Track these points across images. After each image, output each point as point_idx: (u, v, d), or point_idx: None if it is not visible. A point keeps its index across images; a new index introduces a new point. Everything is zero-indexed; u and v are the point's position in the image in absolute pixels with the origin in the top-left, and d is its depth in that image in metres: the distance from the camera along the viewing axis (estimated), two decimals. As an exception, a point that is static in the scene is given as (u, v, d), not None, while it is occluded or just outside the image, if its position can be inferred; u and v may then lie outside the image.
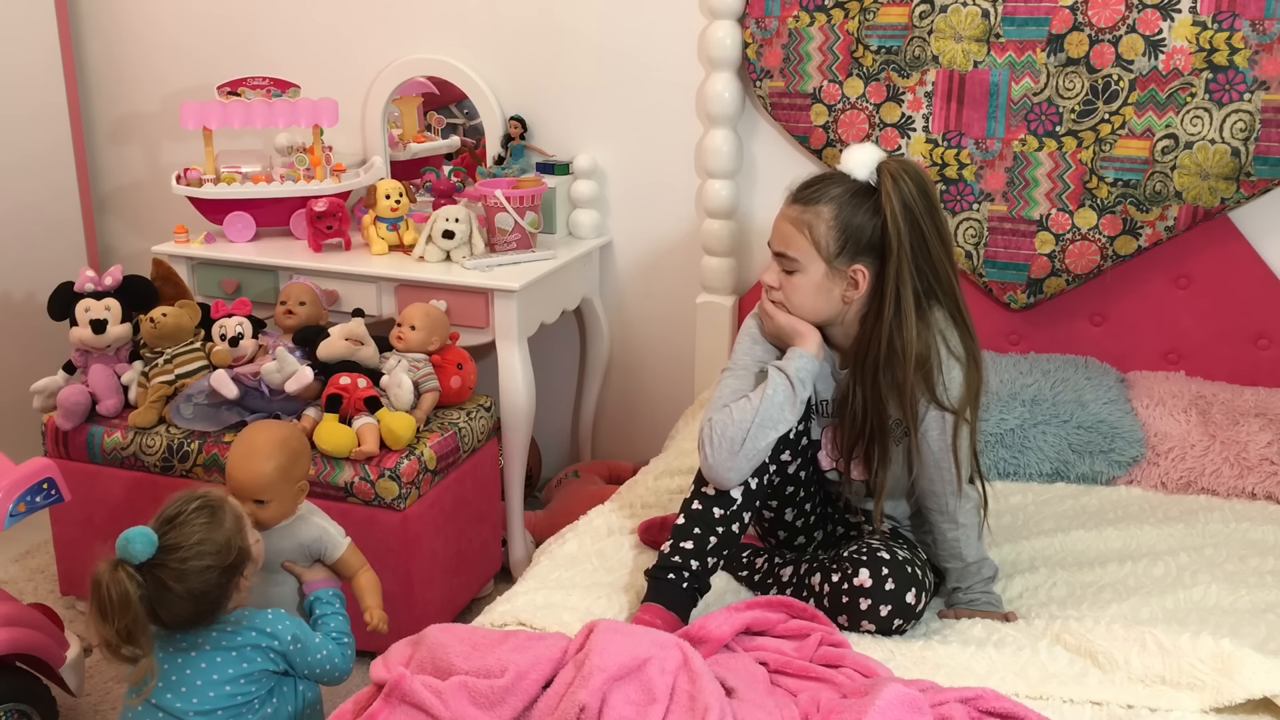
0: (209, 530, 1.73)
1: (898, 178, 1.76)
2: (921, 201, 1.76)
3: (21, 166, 3.24)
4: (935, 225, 1.78)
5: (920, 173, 1.80)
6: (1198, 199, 2.45)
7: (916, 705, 1.44)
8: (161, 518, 1.75)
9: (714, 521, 1.81)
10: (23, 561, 2.91)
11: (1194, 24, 2.38)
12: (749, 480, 1.83)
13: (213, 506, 1.77)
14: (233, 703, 1.77)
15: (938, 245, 1.78)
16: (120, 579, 1.66)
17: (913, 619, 1.79)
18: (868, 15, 2.61)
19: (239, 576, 1.78)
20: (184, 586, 1.70)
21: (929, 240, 1.77)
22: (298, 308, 2.62)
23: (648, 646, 1.48)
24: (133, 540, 1.67)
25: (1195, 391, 2.49)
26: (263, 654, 1.79)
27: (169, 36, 3.35)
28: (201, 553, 1.71)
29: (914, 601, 1.78)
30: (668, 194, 2.98)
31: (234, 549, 1.75)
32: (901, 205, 1.75)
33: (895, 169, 1.78)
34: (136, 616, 1.66)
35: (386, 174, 3.10)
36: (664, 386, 3.15)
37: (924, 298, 1.79)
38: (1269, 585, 1.92)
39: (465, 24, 3.04)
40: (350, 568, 2.02)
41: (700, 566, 1.80)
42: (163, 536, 1.71)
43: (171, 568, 1.69)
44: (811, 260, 1.80)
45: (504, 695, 1.43)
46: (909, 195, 1.76)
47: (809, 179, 1.86)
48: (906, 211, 1.75)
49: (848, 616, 1.77)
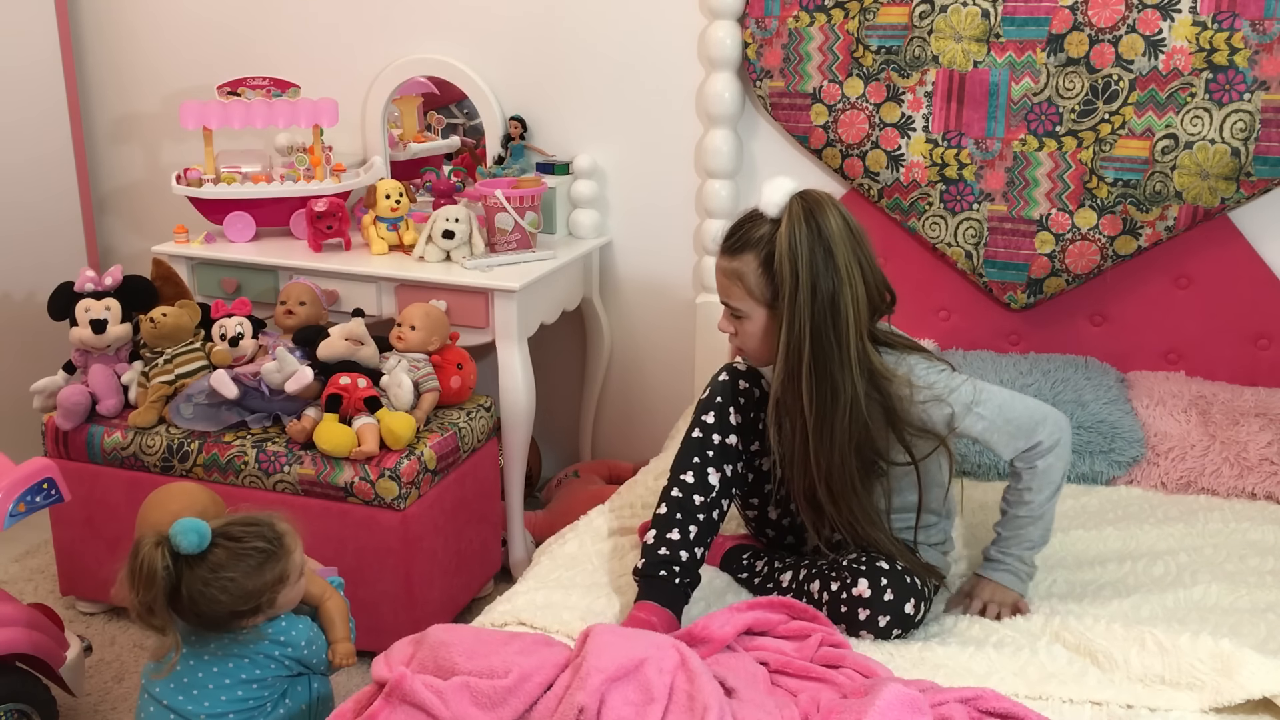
0: (247, 575, 1.71)
1: (794, 220, 1.72)
2: (809, 238, 1.71)
3: (22, 166, 3.24)
4: (827, 264, 1.71)
5: (818, 205, 1.74)
6: (1198, 199, 2.45)
7: (916, 705, 1.44)
8: (227, 530, 1.73)
9: (695, 509, 1.82)
10: (23, 561, 2.91)
11: (1194, 24, 2.38)
12: (724, 468, 1.84)
13: (272, 556, 1.73)
14: (244, 706, 1.77)
15: (834, 286, 1.71)
16: (155, 557, 1.67)
17: (911, 628, 1.79)
18: (868, 15, 2.61)
19: (245, 619, 1.75)
20: (192, 602, 1.70)
21: (818, 281, 1.71)
22: (298, 308, 2.62)
23: (644, 647, 1.48)
24: (186, 532, 1.67)
25: (1195, 391, 2.49)
26: (277, 661, 1.79)
27: (169, 37, 3.35)
28: (224, 588, 1.69)
29: (913, 612, 1.78)
30: (668, 194, 2.98)
31: (254, 600, 1.72)
32: (787, 248, 1.71)
33: (796, 209, 1.73)
34: (158, 596, 1.68)
35: (386, 174, 3.10)
36: (664, 386, 3.15)
37: (837, 343, 1.73)
38: (1269, 585, 1.92)
39: (465, 24, 3.04)
40: (313, 598, 1.91)
41: (689, 557, 1.80)
42: (211, 545, 1.70)
43: (194, 578, 1.69)
44: (752, 308, 1.80)
45: (506, 696, 1.43)
46: (795, 238, 1.71)
47: (734, 224, 1.83)
48: (790, 255, 1.71)
49: (846, 625, 1.78)
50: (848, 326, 1.72)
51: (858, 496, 1.79)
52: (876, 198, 2.72)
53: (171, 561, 1.67)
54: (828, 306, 1.72)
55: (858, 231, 1.77)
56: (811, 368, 1.73)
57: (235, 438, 2.44)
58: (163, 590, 1.67)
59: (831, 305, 1.72)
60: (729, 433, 1.87)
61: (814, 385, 1.73)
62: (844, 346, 1.73)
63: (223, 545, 1.71)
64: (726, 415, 1.87)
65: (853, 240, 1.74)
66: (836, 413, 1.74)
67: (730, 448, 1.86)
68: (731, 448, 1.87)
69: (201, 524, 1.69)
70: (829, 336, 1.72)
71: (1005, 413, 1.80)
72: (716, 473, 1.84)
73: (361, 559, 2.36)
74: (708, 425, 1.87)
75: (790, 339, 1.74)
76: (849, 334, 1.73)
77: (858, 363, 1.73)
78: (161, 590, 1.67)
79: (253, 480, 2.39)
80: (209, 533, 1.69)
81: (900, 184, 2.67)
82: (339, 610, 1.91)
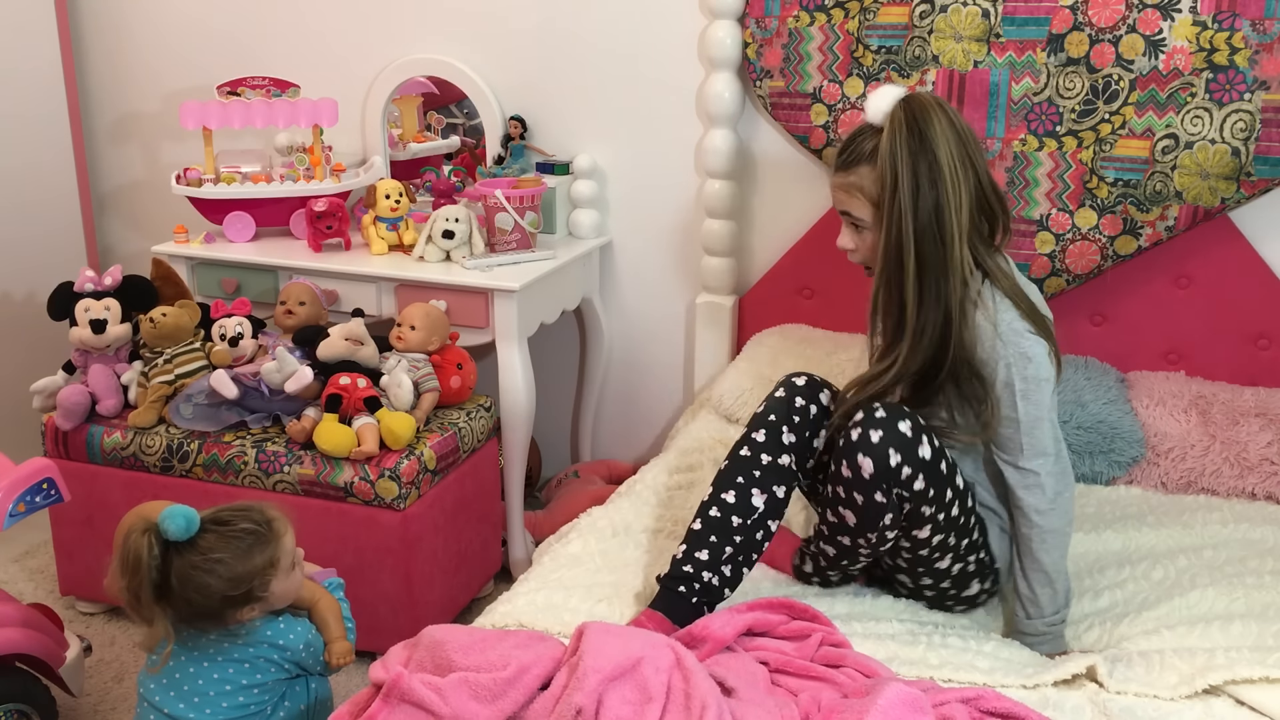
0: (237, 557, 1.70)
1: (895, 126, 1.71)
2: (910, 145, 1.70)
3: (22, 166, 3.24)
4: (931, 171, 1.70)
5: (924, 110, 1.72)
6: (1198, 199, 2.45)
7: (918, 705, 1.44)
8: (215, 515, 1.73)
9: (732, 530, 1.78)
10: (23, 561, 2.91)
11: (1194, 24, 2.38)
12: (773, 489, 1.80)
13: (262, 538, 1.73)
14: (245, 713, 1.77)
15: (937, 193, 1.70)
16: (141, 544, 1.66)
17: (918, 468, 1.72)
18: (868, 15, 2.61)
19: (239, 609, 1.74)
20: (182, 588, 1.69)
21: (920, 189, 1.70)
22: (298, 308, 2.62)
23: (640, 646, 1.48)
24: (174, 518, 1.66)
25: (1195, 391, 2.48)
26: (275, 664, 1.79)
27: (169, 37, 3.35)
28: (213, 570, 1.68)
29: (909, 434, 1.72)
30: (668, 194, 2.98)
31: (246, 585, 1.71)
32: (888, 152, 1.70)
33: (898, 115, 1.72)
34: (144, 583, 1.67)
35: (386, 174, 3.10)
36: (664, 386, 3.14)
37: (932, 252, 1.72)
38: (1267, 586, 1.92)
39: (465, 24, 3.03)
40: (304, 602, 1.90)
41: (715, 578, 1.76)
42: (200, 531, 1.69)
43: (184, 563, 1.68)
44: (873, 217, 1.79)
45: (506, 688, 1.42)
46: (897, 141, 1.70)
47: (845, 140, 1.82)
48: (890, 158, 1.70)
49: (847, 463, 1.74)
50: (952, 231, 1.71)
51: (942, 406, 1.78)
52: (876, 198, 2.71)
53: (160, 550, 1.67)
54: (931, 210, 1.70)
55: (966, 136, 1.74)
56: (916, 271, 1.72)
57: (235, 438, 2.44)
58: (149, 578, 1.66)
59: (935, 209, 1.70)
60: (781, 453, 1.82)
61: (919, 288, 1.72)
62: (949, 250, 1.71)
63: (212, 530, 1.70)
64: (779, 434, 1.83)
65: (960, 145, 1.72)
66: (934, 316, 1.73)
67: (782, 468, 1.82)
68: (784, 468, 1.82)
69: (189, 510, 1.68)
70: (933, 239, 1.71)
71: (1033, 411, 1.76)
72: (762, 494, 1.80)
73: (361, 559, 2.36)
74: (757, 444, 1.83)
75: (889, 241, 1.73)
76: (954, 239, 1.71)
77: (961, 268, 1.72)
78: (148, 577, 1.66)
79: (253, 480, 2.39)
80: (197, 518, 1.69)
81: (900, 184, 2.67)
82: (332, 610, 1.90)
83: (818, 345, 2.74)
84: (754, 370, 2.68)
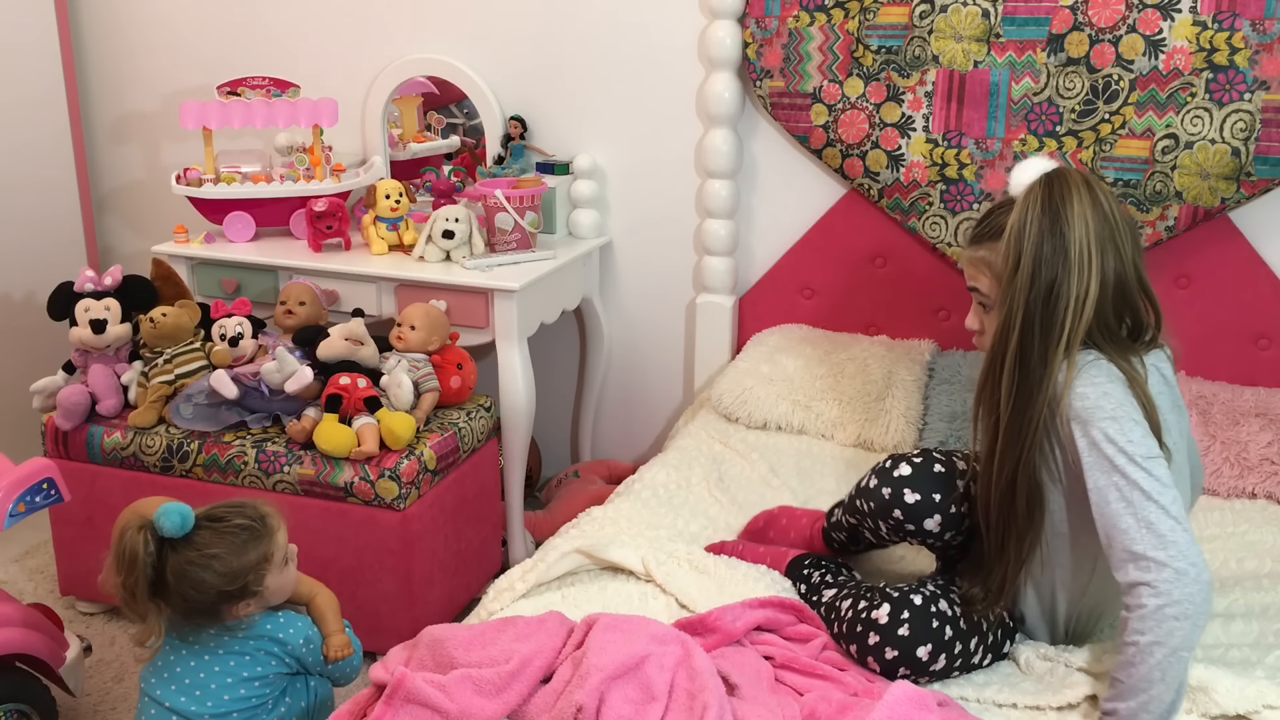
0: (232, 552, 1.72)
1: (1030, 199, 1.57)
2: (1041, 223, 1.55)
3: (21, 166, 3.24)
4: (1055, 254, 1.54)
5: (1065, 187, 1.57)
6: (1198, 199, 2.45)
7: (924, 702, 1.44)
8: (209, 511, 1.75)
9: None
10: (23, 561, 2.91)
11: (1194, 24, 2.38)
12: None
13: (256, 534, 1.75)
14: (247, 705, 1.78)
15: (1055, 277, 1.54)
16: (137, 540, 1.68)
17: (922, 675, 1.64)
18: (868, 15, 2.61)
19: (235, 604, 1.76)
20: (178, 584, 1.70)
21: (1038, 272, 1.54)
22: (297, 308, 2.62)
23: (646, 643, 1.48)
24: (169, 514, 1.68)
25: (1195, 391, 2.49)
26: (275, 657, 1.80)
27: (169, 36, 3.35)
28: (209, 565, 1.70)
29: (924, 658, 1.63)
30: (668, 194, 2.98)
31: (241, 580, 1.73)
32: (1016, 227, 1.56)
33: (1036, 189, 1.58)
34: (139, 580, 1.69)
35: (386, 174, 3.10)
36: (664, 386, 3.14)
37: (1033, 345, 1.56)
38: (1265, 587, 1.92)
39: (465, 24, 3.03)
40: (302, 597, 1.91)
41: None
42: (195, 528, 1.71)
43: (179, 560, 1.70)
44: (999, 296, 1.63)
45: (509, 681, 1.42)
46: (1027, 217, 1.56)
47: (984, 213, 1.70)
48: (1017, 235, 1.56)
49: (856, 647, 1.67)
50: (1064, 321, 1.55)
51: (1029, 519, 1.61)
52: (877, 198, 2.72)
53: (156, 547, 1.68)
54: (1044, 293, 1.55)
55: (1115, 221, 1.58)
56: (1016, 357, 1.57)
57: (235, 438, 2.44)
58: (144, 575, 1.69)
59: (1049, 293, 1.55)
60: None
61: (1015, 377, 1.57)
62: (1052, 342, 1.55)
63: (207, 526, 1.73)
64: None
65: (1102, 229, 1.57)
66: (1031, 411, 1.56)
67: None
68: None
69: (184, 507, 1.71)
70: (1039, 326, 1.56)
71: (1148, 496, 1.49)
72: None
73: (361, 559, 2.36)
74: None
75: (1003, 323, 1.58)
76: (1064, 329, 1.55)
77: (1054, 373, 1.56)
78: (143, 574, 1.68)
79: (253, 480, 2.39)
80: (192, 515, 1.71)
81: (900, 184, 2.67)
82: (330, 605, 1.91)
83: (817, 345, 2.74)
84: (754, 370, 2.68)
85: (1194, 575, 1.45)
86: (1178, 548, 1.46)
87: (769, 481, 2.36)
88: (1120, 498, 1.50)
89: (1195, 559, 1.46)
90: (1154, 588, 1.45)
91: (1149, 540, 1.47)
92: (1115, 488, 1.50)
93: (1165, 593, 1.44)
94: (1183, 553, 1.46)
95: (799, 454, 2.49)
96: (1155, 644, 1.45)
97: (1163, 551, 1.46)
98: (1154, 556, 1.46)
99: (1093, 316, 1.56)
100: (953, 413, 2.50)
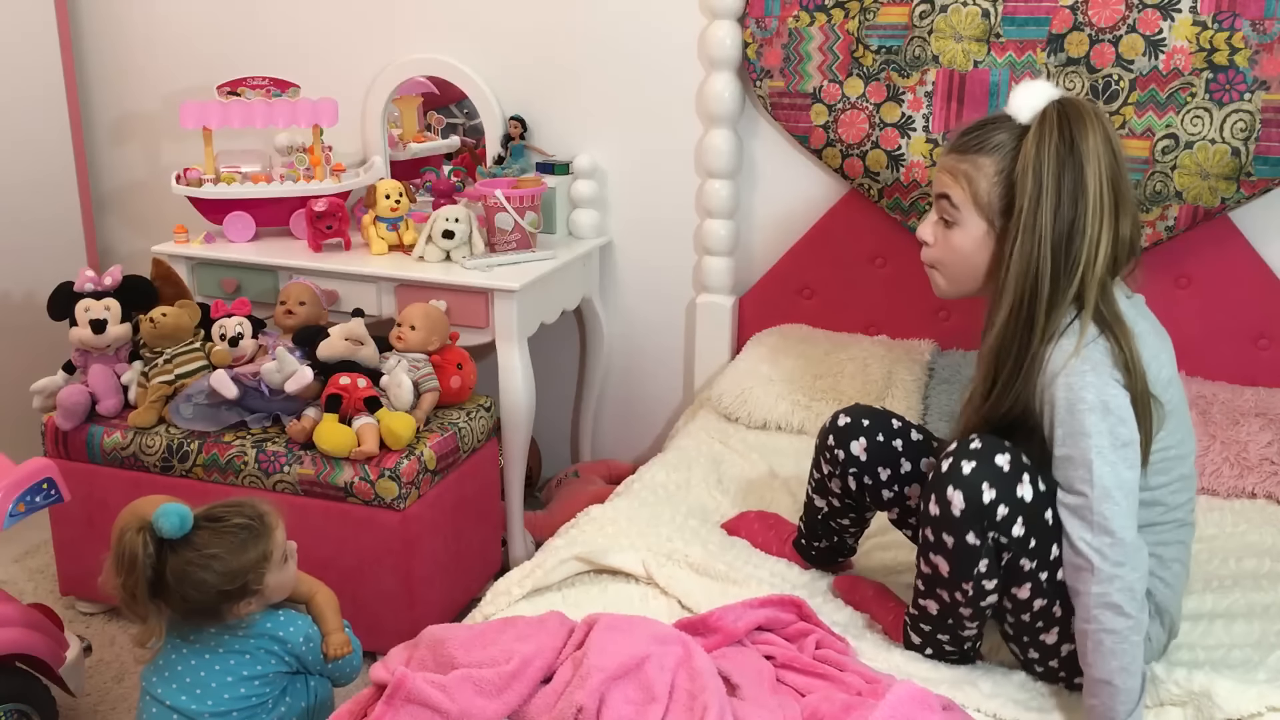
0: (231, 552, 1.73)
1: (1047, 127, 1.50)
2: (1060, 153, 1.49)
3: (21, 166, 3.24)
4: (1075, 189, 1.49)
5: (1080, 117, 1.51)
6: (1198, 199, 2.45)
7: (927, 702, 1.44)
8: (208, 511, 1.76)
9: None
10: (23, 561, 2.91)
11: (1194, 24, 2.38)
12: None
13: (255, 532, 1.75)
14: (247, 704, 1.78)
15: (1074, 215, 1.48)
16: (136, 542, 1.69)
17: (1012, 488, 1.50)
18: (868, 15, 2.61)
19: (235, 603, 1.76)
20: (178, 585, 1.71)
21: (1061, 206, 1.48)
22: (297, 308, 2.62)
23: (647, 644, 1.48)
24: (168, 515, 1.69)
25: (1195, 391, 2.49)
26: (275, 656, 1.80)
27: (169, 36, 3.35)
28: (209, 566, 1.71)
29: (1007, 469, 1.50)
30: (668, 194, 2.98)
31: (241, 579, 1.74)
32: (1034, 158, 1.49)
33: (1052, 116, 1.51)
34: (139, 581, 1.70)
35: (386, 174, 3.10)
36: (664, 386, 3.14)
37: (1048, 284, 1.51)
38: (1264, 588, 1.92)
39: (465, 24, 3.03)
40: (301, 595, 1.91)
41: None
42: (194, 528, 1.71)
43: (179, 560, 1.70)
44: (969, 215, 1.60)
45: (510, 681, 1.42)
46: (1045, 146, 1.49)
47: (975, 122, 1.61)
48: (1035, 164, 1.49)
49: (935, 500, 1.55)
50: (1080, 263, 1.50)
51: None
52: (877, 198, 2.72)
53: (155, 548, 1.69)
54: (1064, 234, 1.50)
55: (1121, 159, 1.53)
56: (1048, 300, 1.51)
57: (235, 438, 2.44)
58: (144, 576, 1.69)
59: (1068, 234, 1.50)
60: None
61: (1046, 317, 1.51)
62: (1070, 285, 1.51)
63: (205, 527, 1.74)
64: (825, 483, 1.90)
65: (1114, 167, 1.52)
66: (1026, 360, 1.53)
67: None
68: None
69: (183, 507, 1.71)
70: (1059, 268, 1.50)
71: (1100, 457, 1.49)
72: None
73: (361, 559, 2.36)
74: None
75: (1023, 259, 1.52)
76: (1082, 271, 1.50)
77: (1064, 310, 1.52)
78: (143, 576, 1.69)
79: (253, 480, 2.39)
80: (190, 516, 1.71)
81: (900, 184, 2.67)
82: (329, 603, 1.92)
83: (817, 345, 2.74)
84: (754, 370, 2.68)
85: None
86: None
87: (769, 481, 2.36)
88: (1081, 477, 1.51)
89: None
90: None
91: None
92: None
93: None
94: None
95: (799, 454, 2.48)
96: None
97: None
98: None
99: (1109, 261, 1.52)
100: (953, 413, 2.50)
